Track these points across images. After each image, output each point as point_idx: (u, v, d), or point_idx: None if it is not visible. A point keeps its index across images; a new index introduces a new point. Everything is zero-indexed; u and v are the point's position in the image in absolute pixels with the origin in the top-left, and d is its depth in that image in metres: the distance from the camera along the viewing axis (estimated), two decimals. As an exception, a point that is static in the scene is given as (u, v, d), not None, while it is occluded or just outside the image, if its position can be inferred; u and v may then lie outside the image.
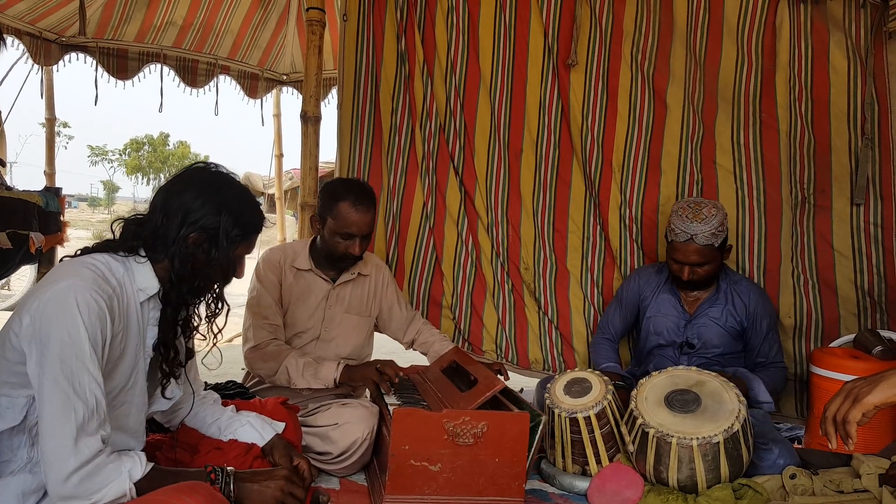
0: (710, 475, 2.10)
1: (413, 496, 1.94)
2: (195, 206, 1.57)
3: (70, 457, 1.35)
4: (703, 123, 3.08)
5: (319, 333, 2.60)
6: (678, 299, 2.82)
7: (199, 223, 1.57)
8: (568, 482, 2.30)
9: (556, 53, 3.20)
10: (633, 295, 2.93)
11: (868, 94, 2.89)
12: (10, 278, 7.19)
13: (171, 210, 1.57)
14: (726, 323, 2.74)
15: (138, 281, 1.57)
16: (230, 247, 1.62)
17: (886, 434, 2.61)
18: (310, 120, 3.27)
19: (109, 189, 52.61)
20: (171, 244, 1.56)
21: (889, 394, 1.19)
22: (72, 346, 1.37)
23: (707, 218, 2.62)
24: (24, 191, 3.12)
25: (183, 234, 1.56)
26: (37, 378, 1.38)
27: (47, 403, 1.36)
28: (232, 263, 1.65)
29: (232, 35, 4.94)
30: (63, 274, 1.45)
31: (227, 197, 1.61)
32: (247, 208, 1.65)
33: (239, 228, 1.62)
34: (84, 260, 1.52)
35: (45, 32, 4.34)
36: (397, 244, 3.38)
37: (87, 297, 1.40)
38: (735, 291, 2.76)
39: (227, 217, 1.59)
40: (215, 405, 1.95)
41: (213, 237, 1.59)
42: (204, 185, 1.61)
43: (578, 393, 2.35)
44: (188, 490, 1.39)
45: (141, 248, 1.58)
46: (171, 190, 1.60)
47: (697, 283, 2.74)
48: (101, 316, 1.42)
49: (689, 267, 2.66)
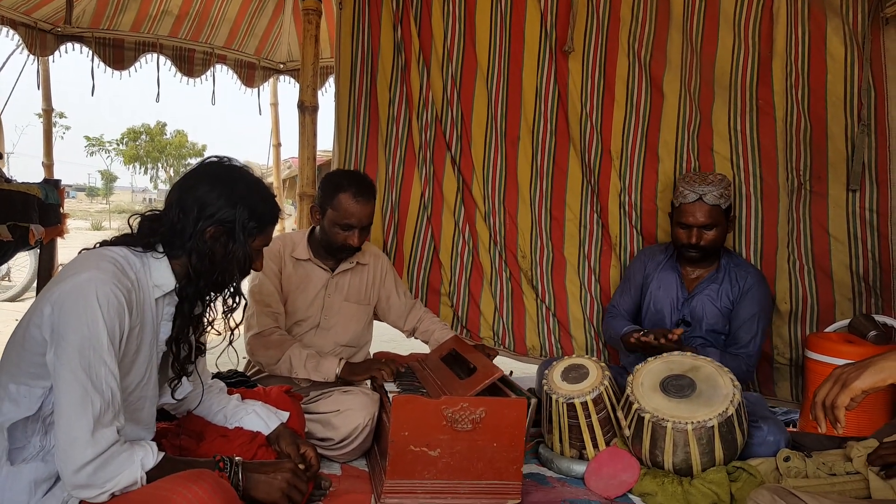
0: (706, 458, 2.13)
1: (413, 480, 1.97)
2: (210, 199, 1.58)
3: (86, 448, 1.37)
4: (699, 111, 3.09)
5: (319, 322, 2.63)
6: (679, 276, 2.83)
7: (216, 217, 1.58)
8: (565, 466, 2.34)
9: (553, 40, 3.20)
10: (639, 273, 2.94)
11: (865, 80, 2.90)
12: (10, 269, 7.21)
13: (186, 205, 1.58)
14: (721, 302, 2.74)
15: (154, 277, 1.59)
16: (247, 239, 1.63)
17: (879, 417, 2.64)
18: (307, 110, 3.28)
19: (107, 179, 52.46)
20: (188, 239, 1.57)
21: (876, 379, 1.22)
22: (90, 339, 1.39)
23: (714, 181, 2.67)
24: (23, 183, 3.12)
25: (200, 228, 1.57)
26: (55, 368, 1.40)
27: (65, 394, 1.38)
28: (249, 256, 1.65)
29: (228, 24, 4.92)
30: (84, 266, 1.47)
31: (241, 190, 1.62)
32: (261, 200, 1.66)
33: (255, 220, 1.63)
34: (104, 253, 1.54)
35: (41, 23, 4.31)
36: (396, 233, 3.40)
37: (106, 291, 1.42)
38: (735, 272, 2.76)
39: (242, 209, 1.60)
40: (221, 393, 1.98)
41: (230, 230, 1.60)
42: (218, 178, 1.62)
43: (576, 379, 2.38)
44: (194, 478, 1.41)
45: (158, 244, 1.60)
46: (186, 185, 1.61)
47: (704, 252, 2.72)
48: (120, 310, 1.45)
49: (696, 229, 2.66)
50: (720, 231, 2.69)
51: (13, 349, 1.49)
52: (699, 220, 2.66)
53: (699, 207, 2.65)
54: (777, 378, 3.08)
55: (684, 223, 2.70)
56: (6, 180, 3.19)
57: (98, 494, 1.40)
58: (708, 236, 2.68)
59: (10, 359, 1.49)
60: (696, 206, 2.65)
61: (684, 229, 2.71)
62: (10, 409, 1.46)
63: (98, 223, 24.17)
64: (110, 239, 1.62)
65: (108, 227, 23.29)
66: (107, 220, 26.16)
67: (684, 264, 2.83)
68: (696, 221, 2.66)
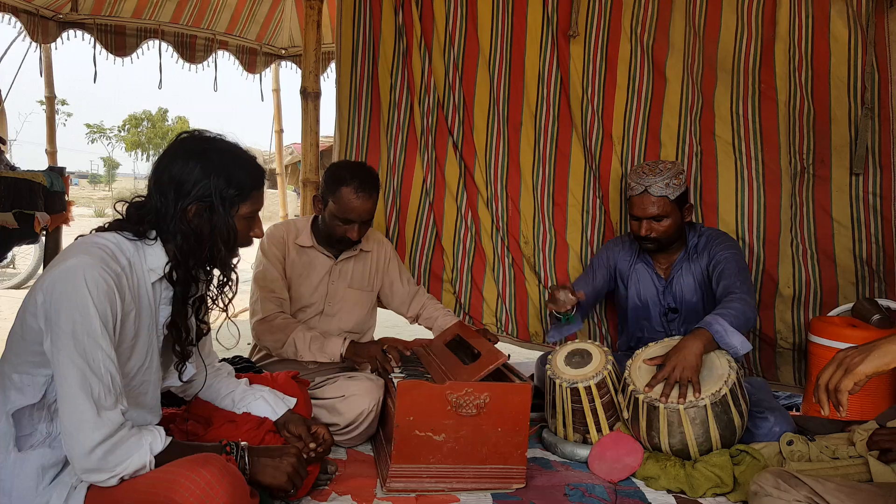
0: (701, 439, 2.15)
1: (418, 465, 1.99)
2: (184, 176, 1.54)
3: (94, 430, 1.39)
4: (702, 95, 3.08)
5: (323, 308, 2.64)
6: (652, 268, 2.82)
7: (193, 194, 1.54)
8: (569, 450, 2.36)
9: (555, 24, 3.18)
10: (604, 264, 2.92)
11: (868, 63, 2.88)
12: (15, 257, 7.23)
13: (163, 186, 1.55)
14: (700, 276, 2.73)
15: (149, 261, 1.58)
16: (230, 209, 1.58)
17: (883, 400, 2.65)
18: (310, 96, 3.27)
19: (109, 166, 52.44)
20: (171, 221, 1.55)
21: (879, 363, 1.22)
22: (83, 324, 1.39)
23: (661, 171, 2.64)
24: (28, 171, 3.14)
25: (181, 207, 1.54)
26: (52, 356, 1.41)
27: (64, 381, 1.39)
28: (233, 228, 1.60)
29: (230, 9, 4.90)
30: (72, 252, 1.48)
31: (214, 159, 1.57)
32: (238, 166, 1.60)
33: (234, 188, 1.58)
34: (94, 239, 1.54)
35: (42, 10, 4.30)
36: (398, 220, 3.40)
37: (94, 275, 1.42)
38: (701, 242, 2.76)
39: (218, 179, 1.56)
40: (229, 378, 1.99)
41: (210, 204, 1.56)
42: (189, 152, 1.58)
43: (579, 363, 2.40)
44: (201, 462, 1.43)
45: (150, 230, 1.58)
46: (160, 166, 1.58)
47: (659, 243, 2.70)
48: (110, 293, 1.45)
49: (646, 221, 2.65)
50: (673, 221, 2.66)
51: (13, 339, 1.50)
52: (647, 213, 2.64)
53: (646, 199, 2.63)
54: (780, 362, 3.09)
55: (633, 215, 2.70)
56: (10, 168, 3.20)
57: (108, 478, 1.41)
58: (659, 227, 2.66)
59: (11, 348, 1.50)
60: (644, 198, 2.64)
61: (635, 221, 2.70)
62: (16, 398, 1.47)
63: (101, 210, 24.14)
64: (106, 225, 1.61)
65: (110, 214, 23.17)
66: (109, 207, 26.10)
67: (652, 254, 2.82)
68: (645, 213, 2.65)
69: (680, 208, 2.68)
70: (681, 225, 2.72)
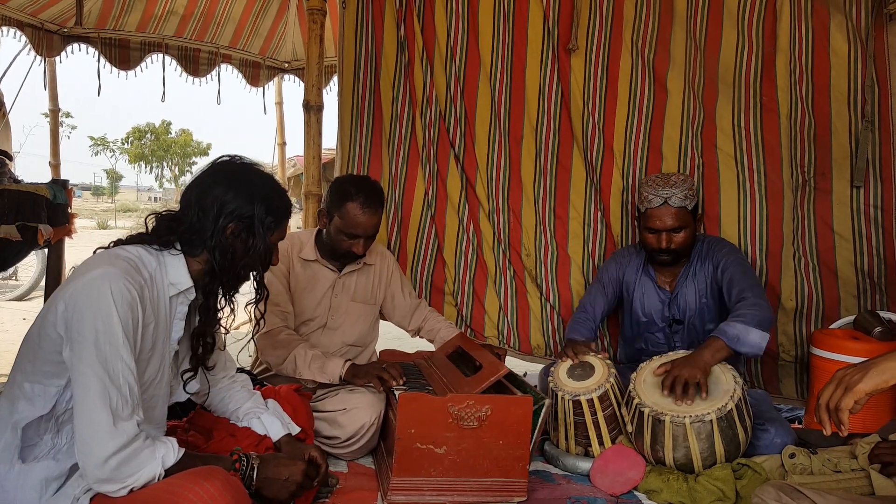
0: (706, 454, 2.14)
1: (419, 478, 1.99)
2: (229, 198, 1.63)
3: (109, 440, 1.39)
4: (703, 108, 3.09)
5: (326, 322, 2.64)
6: (655, 281, 2.81)
7: (235, 213, 1.63)
8: (571, 463, 2.35)
9: (556, 38, 3.21)
10: (613, 277, 2.91)
11: (868, 76, 2.89)
12: (17, 269, 7.25)
13: (205, 204, 1.62)
14: (706, 287, 2.72)
15: (170, 275, 1.62)
16: (266, 234, 1.68)
17: (885, 414, 2.64)
18: (312, 109, 3.29)
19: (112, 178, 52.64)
20: (209, 237, 1.62)
21: (879, 380, 1.22)
22: (106, 334, 1.41)
23: (677, 182, 2.64)
24: (31, 183, 3.15)
25: (221, 225, 1.62)
26: (72, 364, 1.42)
27: (83, 390, 1.40)
28: (269, 250, 1.71)
29: (233, 23, 4.94)
30: (97, 263, 1.49)
31: (257, 186, 1.67)
32: (277, 195, 1.71)
33: (272, 215, 1.68)
34: (117, 251, 1.57)
35: (47, 24, 4.35)
36: (400, 232, 3.41)
37: (120, 286, 1.44)
38: (704, 251, 2.76)
39: (260, 205, 1.66)
40: (242, 391, 1.99)
41: (250, 226, 1.65)
42: (234, 177, 1.67)
43: (581, 376, 2.39)
44: (205, 475, 1.43)
45: (177, 243, 1.63)
46: (203, 184, 1.65)
47: (675, 255, 2.68)
48: (133, 304, 1.47)
49: (666, 234, 2.64)
50: (689, 232, 2.67)
51: (28, 348, 1.51)
52: (667, 224, 2.63)
53: (666, 211, 2.62)
54: (782, 375, 3.09)
55: (652, 228, 2.67)
56: (14, 181, 3.22)
57: (119, 489, 1.42)
58: (678, 239, 2.65)
59: (25, 357, 1.51)
60: (663, 210, 2.62)
61: (653, 234, 2.67)
62: (25, 408, 1.47)
63: (104, 222, 24.24)
64: (125, 238, 1.66)
65: (113, 226, 23.35)
66: (112, 219, 26.22)
67: (657, 267, 2.81)
68: (665, 225, 2.63)
69: (694, 219, 2.69)
70: (695, 235, 2.72)
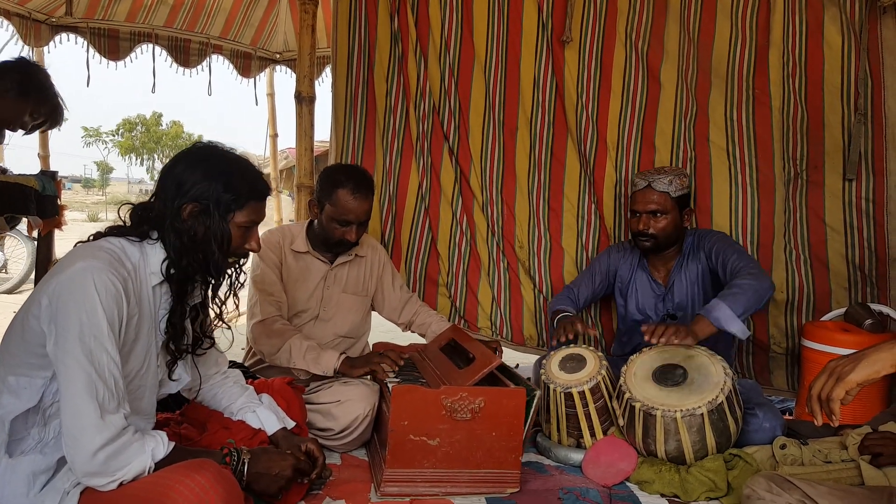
0: (697, 446, 2.15)
1: (412, 470, 1.99)
2: (185, 177, 1.58)
3: (97, 434, 1.38)
4: (696, 101, 3.09)
5: (318, 313, 2.64)
6: (649, 275, 2.84)
7: (190, 193, 1.57)
8: (563, 455, 2.36)
9: (550, 30, 3.20)
10: (605, 269, 2.94)
11: (862, 69, 2.90)
12: (7, 261, 7.20)
13: (166, 187, 1.59)
14: (700, 277, 2.75)
15: (151, 264, 1.59)
16: (225, 215, 1.61)
17: (875, 405, 2.66)
18: (304, 100, 3.27)
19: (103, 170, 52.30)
20: (167, 219, 1.57)
21: (870, 371, 1.22)
22: (90, 327, 1.40)
23: (667, 170, 2.72)
24: (20, 175, 3.11)
25: (176, 206, 1.57)
26: (57, 358, 1.40)
27: (69, 383, 1.39)
28: (226, 232, 1.62)
29: (224, 13, 4.90)
30: (79, 256, 1.47)
31: (216, 164, 1.61)
32: (237, 174, 1.63)
33: (230, 193, 1.60)
34: (100, 244, 1.55)
35: (35, 13, 4.29)
36: (394, 225, 3.40)
37: (103, 279, 1.43)
38: (694, 242, 2.78)
39: (216, 184, 1.58)
40: (235, 386, 1.98)
41: (206, 206, 1.59)
42: (194, 157, 1.63)
43: (573, 368, 2.39)
44: (196, 468, 1.42)
45: (152, 231, 1.60)
46: (165, 168, 1.63)
47: (655, 241, 2.70)
48: (118, 297, 1.45)
49: (645, 216, 2.69)
50: (671, 220, 2.69)
51: (11, 341, 1.49)
52: (647, 207, 2.68)
53: (648, 193, 2.68)
54: (773, 367, 3.10)
55: (633, 210, 2.74)
56: (2, 171, 3.18)
57: (108, 483, 1.41)
58: (657, 224, 2.68)
59: (8, 351, 1.49)
60: (646, 193, 2.69)
61: (634, 217, 2.75)
62: (11, 402, 1.46)
63: (94, 214, 24.10)
64: (105, 230, 1.63)
65: (104, 219, 23.20)
66: (103, 212, 26.07)
67: (651, 260, 2.84)
68: (645, 208, 2.68)
69: (679, 209, 2.70)
70: (679, 226, 2.73)
